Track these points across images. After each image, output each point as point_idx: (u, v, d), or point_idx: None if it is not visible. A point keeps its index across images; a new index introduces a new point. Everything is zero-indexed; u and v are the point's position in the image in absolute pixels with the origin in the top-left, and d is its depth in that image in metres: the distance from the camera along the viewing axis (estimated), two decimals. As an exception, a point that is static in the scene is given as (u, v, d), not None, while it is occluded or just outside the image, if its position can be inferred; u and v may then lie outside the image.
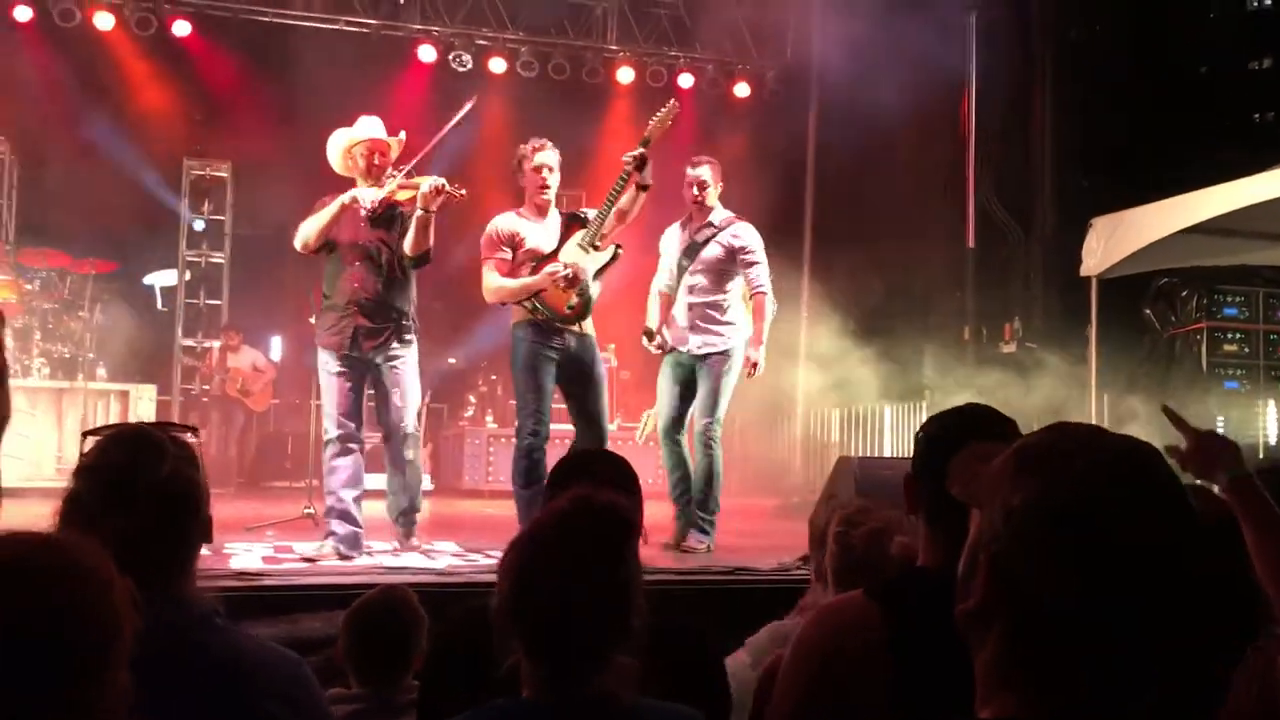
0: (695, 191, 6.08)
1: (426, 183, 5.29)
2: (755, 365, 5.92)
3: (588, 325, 5.65)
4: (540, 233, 5.63)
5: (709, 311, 6.00)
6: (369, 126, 5.69)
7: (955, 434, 1.81)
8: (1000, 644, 1.11)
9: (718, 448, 5.94)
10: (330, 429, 5.45)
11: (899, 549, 2.52)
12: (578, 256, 5.55)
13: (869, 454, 10.92)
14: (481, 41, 11.74)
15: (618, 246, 5.61)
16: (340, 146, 5.64)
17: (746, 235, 6.05)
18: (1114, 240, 8.37)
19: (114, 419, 8.65)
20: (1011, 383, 9.67)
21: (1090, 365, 8.82)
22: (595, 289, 5.57)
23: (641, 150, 5.49)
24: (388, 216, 5.50)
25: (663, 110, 5.62)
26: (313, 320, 5.80)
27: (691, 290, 6.01)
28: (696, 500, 5.90)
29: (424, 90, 11.54)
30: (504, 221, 5.66)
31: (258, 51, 10.93)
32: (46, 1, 10.50)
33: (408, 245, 5.41)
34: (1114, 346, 9.04)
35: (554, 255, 5.55)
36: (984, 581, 1.11)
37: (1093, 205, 8.99)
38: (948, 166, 10.98)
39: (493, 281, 5.59)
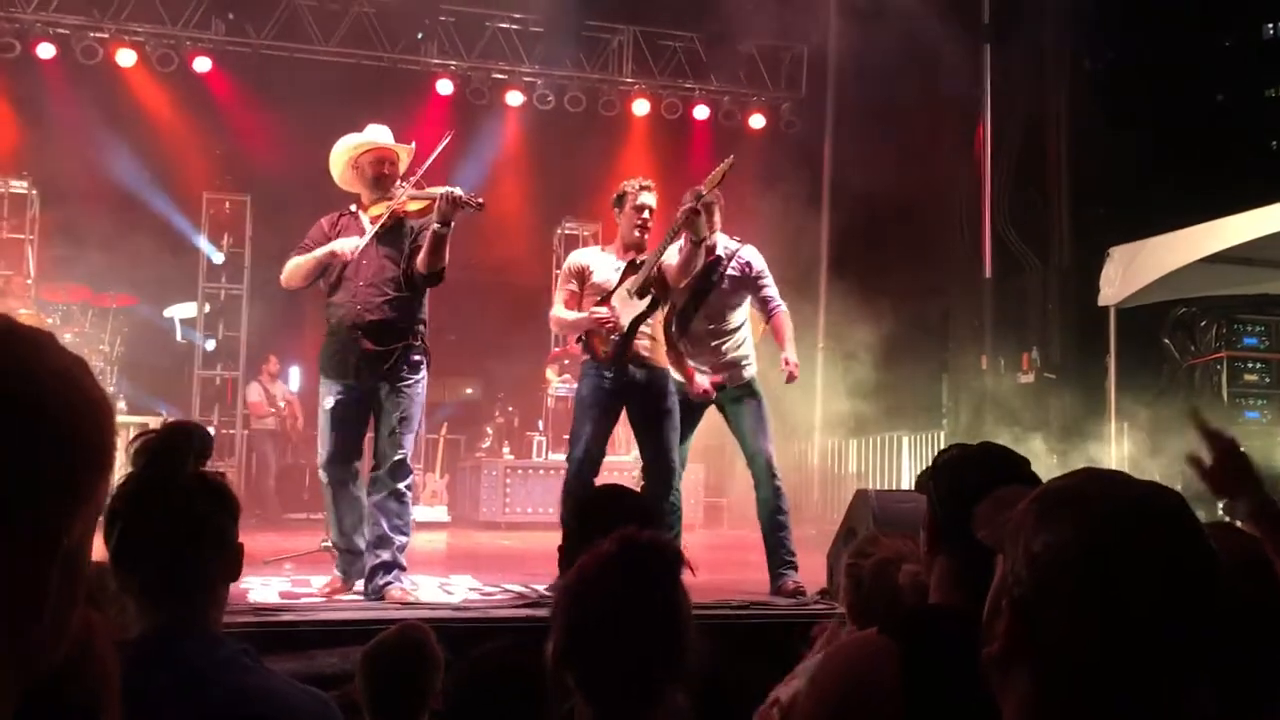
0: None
1: (440, 192, 4.98)
2: (796, 366, 5.71)
3: (659, 357, 5.50)
4: (611, 271, 5.51)
5: (728, 348, 5.78)
6: (376, 133, 5.36)
7: (974, 477, 1.81)
8: (1027, 689, 1.10)
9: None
10: (325, 468, 5.15)
11: (907, 578, 2.51)
12: (621, 302, 5.45)
13: (887, 484, 10.87)
14: (498, 75, 11.84)
15: (655, 298, 5.42)
16: (345, 157, 5.30)
17: (754, 258, 5.84)
18: (1132, 270, 8.35)
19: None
20: (1030, 413, 9.63)
21: (1109, 395, 8.77)
22: (634, 333, 5.41)
23: (692, 204, 5.20)
24: (395, 230, 5.15)
25: (722, 164, 5.40)
26: None
27: (706, 335, 5.75)
28: (781, 535, 5.61)
29: (442, 123, 11.63)
30: (578, 255, 5.72)
31: (277, 86, 11.04)
32: (69, 39, 10.65)
33: (420, 261, 5.05)
34: (1133, 377, 8.99)
35: (607, 299, 5.45)
36: (1007, 626, 1.12)
37: (1110, 235, 8.98)
38: (964, 196, 10.99)
39: (555, 311, 5.63)
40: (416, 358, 5.17)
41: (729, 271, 5.79)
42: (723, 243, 5.83)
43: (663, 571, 1.66)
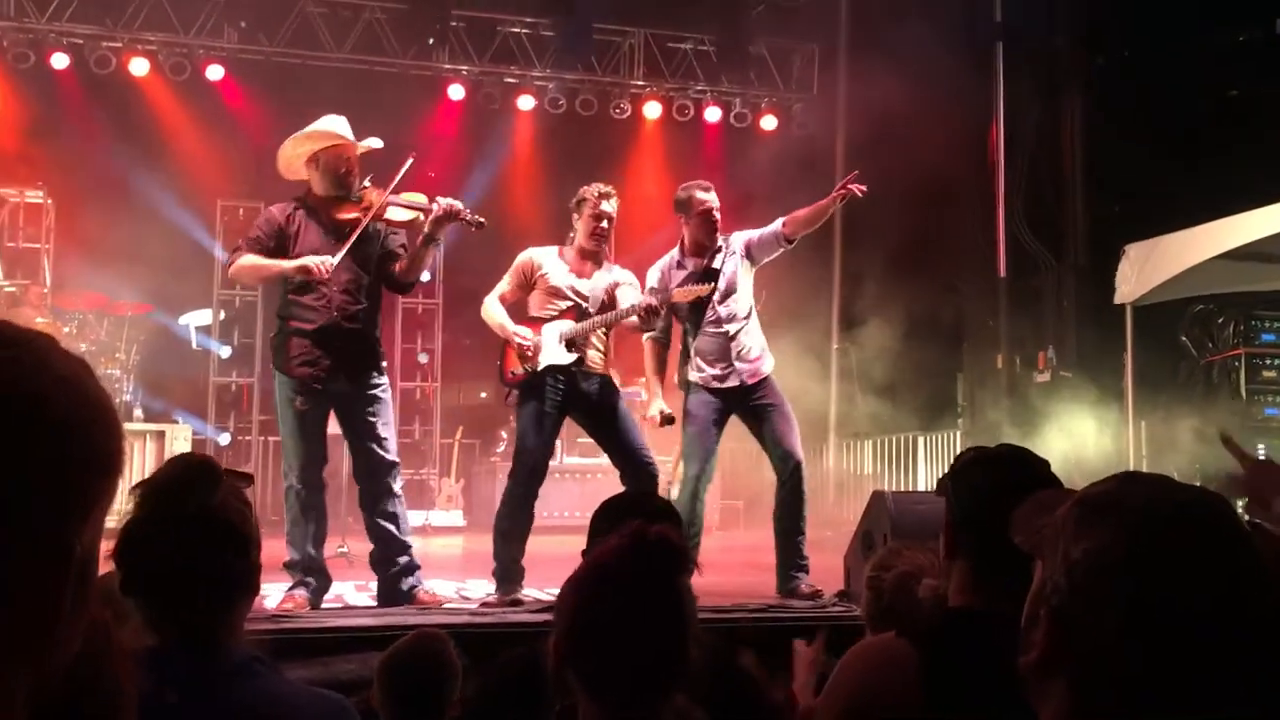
0: (717, 219, 5.76)
1: (441, 204, 4.93)
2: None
3: (605, 368, 5.52)
4: (569, 274, 5.48)
5: (746, 339, 5.69)
6: (335, 124, 5.09)
7: (993, 480, 1.80)
8: (1064, 697, 1.09)
9: None
10: (295, 474, 4.98)
11: (927, 592, 2.51)
12: (554, 339, 5.37)
13: (903, 485, 10.84)
14: (510, 79, 11.85)
15: (580, 357, 5.37)
16: (304, 148, 5.07)
17: (741, 238, 5.79)
18: (1148, 267, 8.30)
19: (150, 459, 8.72)
20: (1047, 412, 9.58)
21: (1126, 394, 8.73)
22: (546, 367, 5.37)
23: (653, 303, 5.28)
24: (365, 234, 5.02)
25: (698, 287, 5.47)
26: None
27: (724, 321, 5.66)
28: (798, 540, 5.54)
29: (455, 128, 11.66)
30: (533, 253, 5.57)
31: (289, 93, 11.08)
32: (83, 49, 10.70)
33: (401, 270, 5.05)
34: (1150, 374, 8.94)
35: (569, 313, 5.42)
36: (1045, 634, 1.10)
37: (1125, 232, 8.93)
38: (977, 195, 10.95)
39: (488, 300, 5.53)
40: (384, 362, 5.22)
41: (727, 269, 5.73)
42: (719, 255, 5.76)
43: (666, 567, 1.65)
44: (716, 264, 5.72)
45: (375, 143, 5.20)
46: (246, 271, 5.10)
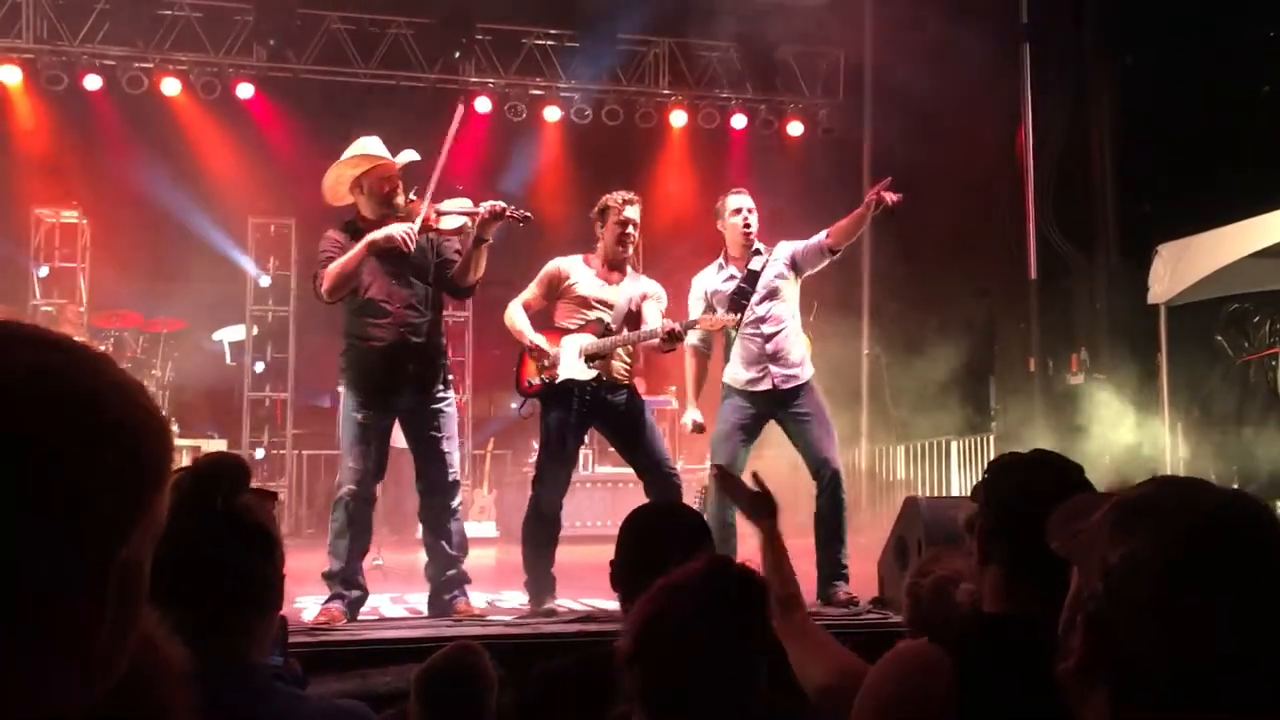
0: (752, 221, 5.74)
1: (486, 206, 5.00)
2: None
3: (630, 378, 5.55)
4: (596, 284, 5.51)
5: (785, 343, 5.66)
6: (372, 145, 5.19)
7: (1025, 485, 1.79)
8: (1104, 704, 1.08)
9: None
10: (349, 485, 5.02)
11: (965, 596, 2.50)
12: (574, 353, 5.38)
13: (936, 490, 10.78)
14: (535, 91, 11.91)
15: (600, 373, 5.41)
16: (348, 174, 5.17)
17: (786, 249, 5.80)
18: (1181, 266, 8.23)
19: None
20: (1080, 414, 9.51)
21: (1161, 395, 8.65)
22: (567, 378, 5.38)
23: (676, 328, 5.27)
24: (421, 246, 5.10)
25: (718, 317, 5.50)
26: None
27: (761, 323, 5.63)
28: (837, 547, 5.53)
29: (481, 141, 11.72)
30: (561, 262, 5.58)
31: (319, 110, 11.19)
32: (115, 70, 10.85)
33: (457, 275, 5.12)
34: (1185, 375, 8.86)
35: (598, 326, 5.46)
36: (1083, 640, 1.10)
37: (1157, 231, 8.85)
38: (1006, 197, 10.89)
39: (513, 305, 5.52)
40: (450, 376, 5.31)
41: (775, 257, 5.74)
42: (759, 259, 5.75)
43: (750, 604, 1.63)
44: (756, 266, 5.71)
45: (412, 155, 5.26)
46: (333, 278, 5.03)
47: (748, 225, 5.69)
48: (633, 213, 5.49)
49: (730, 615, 1.61)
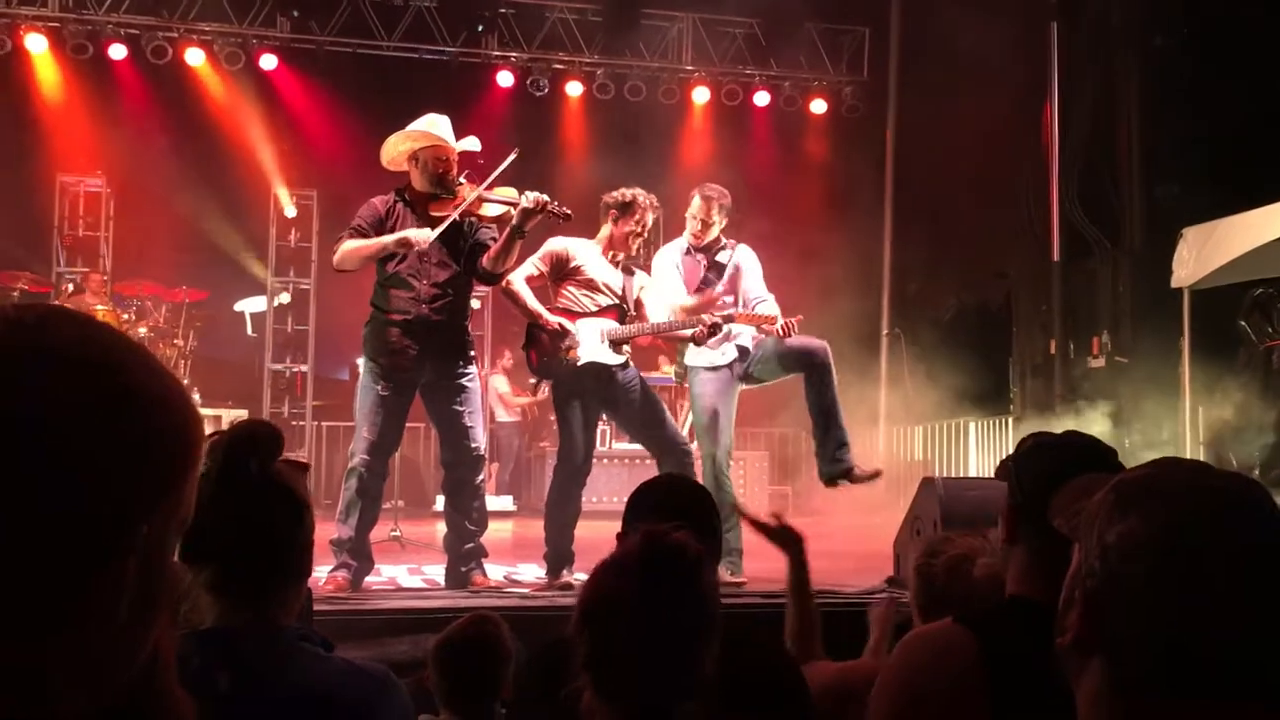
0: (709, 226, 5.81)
1: (529, 198, 5.01)
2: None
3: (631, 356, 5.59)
4: (606, 269, 5.55)
5: (736, 327, 5.72)
6: (439, 126, 5.23)
7: (1061, 467, 1.78)
8: (1098, 680, 1.10)
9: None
10: (363, 456, 5.05)
11: (984, 570, 2.48)
12: (595, 336, 5.42)
13: (954, 471, 10.77)
14: (558, 65, 11.87)
15: (627, 360, 5.49)
16: (406, 146, 5.23)
17: (751, 255, 5.87)
18: (1206, 250, 8.18)
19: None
20: (1101, 398, 9.47)
21: (1183, 379, 8.60)
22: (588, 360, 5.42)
23: (719, 321, 5.36)
24: (454, 230, 5.15)
25: (760, 314, 5.51)
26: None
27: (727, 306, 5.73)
28: (835, 418, 5.57)
29: (503, 115, 11.70)
30: (565, 242, 5.57)
31: (342, 81, 11.19)
32: (140, 39, 10.88)
33: (490, 261, 5.11)
34: (1207, 360, 8.80)
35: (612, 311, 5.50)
36: (1080, 616, 1.12)
37: (1182, 215, 8.79)
38: (1031, 179, 10.82)
39: (514, 280, 5.45)
40: (473, 352, 5.36)
41: (730, 266, 5.80)
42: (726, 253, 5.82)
43: (684, 575, 1.64)
44: (722, 259, 5.79)
45: (474, 144, 5.34)
46: (348, 256, 5.14)
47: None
48: (651, 219, 5.60)
49: (662, 585, 1.62)
